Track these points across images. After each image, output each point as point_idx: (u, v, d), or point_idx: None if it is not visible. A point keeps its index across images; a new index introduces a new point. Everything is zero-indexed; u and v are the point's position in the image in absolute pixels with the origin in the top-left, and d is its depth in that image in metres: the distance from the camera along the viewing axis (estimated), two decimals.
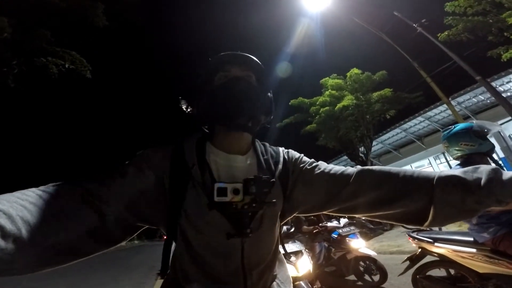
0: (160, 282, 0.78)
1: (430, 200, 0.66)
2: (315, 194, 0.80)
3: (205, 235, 0.69)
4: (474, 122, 2.08)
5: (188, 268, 0.72)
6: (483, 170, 0.64)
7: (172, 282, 0.75)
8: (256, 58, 0.83)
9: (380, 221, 0.80)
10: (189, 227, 0.70)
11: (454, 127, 2.14)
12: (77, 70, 10.23)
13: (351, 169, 0.79)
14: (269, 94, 0.85)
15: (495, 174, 0.63)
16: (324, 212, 0.83)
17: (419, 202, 0.67)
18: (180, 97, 0.85)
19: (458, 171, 0.67)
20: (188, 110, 0.85)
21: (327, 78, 15.37)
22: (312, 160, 0.88)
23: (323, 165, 0.84)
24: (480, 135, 1.99)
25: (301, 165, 0.84)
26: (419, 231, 2.71)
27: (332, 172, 0.79)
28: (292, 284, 0.84)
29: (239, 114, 0.74)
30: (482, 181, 0.62)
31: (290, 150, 0.91)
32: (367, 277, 4.00)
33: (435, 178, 0.67)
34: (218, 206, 0.66)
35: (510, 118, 7.84)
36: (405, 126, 17.28)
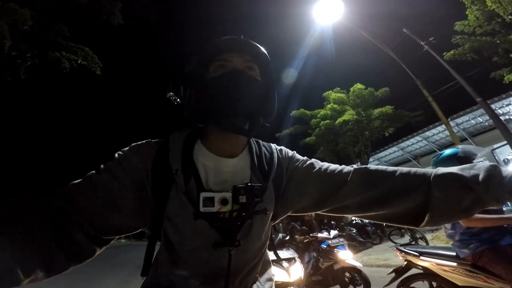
0: None
1: (427, 198, 0.64)
2: (310, 194, 0.76)
3: (189, 241, 0.66)
4: (459, 147, 2.18)
5: (169, 270, 0.69)
6: (481, 167, 0.62)
7: (152, 282, 0.71)
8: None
9: (376, 221, 0.78)
10: (173, 231, 0.66)
11: (441, 154, 2.28)
12: (88, 66, 10.43)
13: (347, 168, 0.76)
14: (273, 91, 0.76)
15: (494, 170, 0.60)
16: (318, 212, 0.80)
17: (416, 200, 0.65)
18: (168, 87, 0.74)
19: (455, 168, 0.65)
20: (177, 101, 0.75)
21: (330, 91, 15.63)
22: (306, 158, 0.83)
23: (318, 164, 0.80)
24: (464, 161, 2.05)
25: (295, 164, 0.80)
26: (407, 245, 2.87)
27: (328, 171, 0.76)
28: (273, 285, 0.80)
29: (235, 113, 0.67)
30: (480, 177, 0.60)
31: (282, 147, 0.85)
32: (351, 287, 4.16)
33: (432, 175, 0.65)
34: (204, 216, 0.62)
35: (506, 142, 7.95)
36: (402, 144, 17.48)
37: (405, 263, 2.71)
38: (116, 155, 0.68)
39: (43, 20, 9.03)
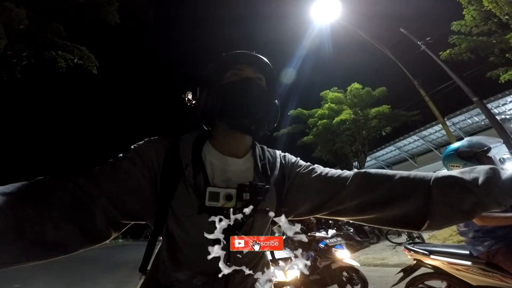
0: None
1: (427, 201, 0.64)
2: (311, 198, 0.78)
3: (191, 236, 0.68)
4: (465, 140, 2.08)
5: (170, 267, 0.70)
6: (481, 170, 0.63)
7: (153, 281, 0.72)
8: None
9: (375, 226, 0.78)
10: (176, 226, 0.69)
11: (447, 148, 2.20)
12: (84, 65, 10.31)
13: (348, 172, 0.78)
14: (276, 101, 0.83)
15: (494, 173, 0.61)
16: (317, 216, 0.82)
17: (416, 203, 0.66)
18: (186, 89, 0.83)
19: (455, 172, 0.66)
20: (193, 103, 0.83)
21: (328, 91, 15.66)
22: (309, 163, 0.86)
23: (319, 169, 0.82)
24: (464, 156, 1.99)
25: (298, 169, 0.83)
26: (414, 243, 2.75)
27: (328, 175, 0.78)
28: (273, 286, 0.78)
29: (246, 114, 0.73)
30: (480, 180, 0.61)
31: (286, 154, 0.89)
32: (349, 287, 4.16)
33: (432, 179, 0.66)
34: (208, 210, 0.65)
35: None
36: (399, 144, 17.64)
37: (414, 262, 2.62)
38: (132, 147, 0.73)
39: (39, 19, 8.91)
